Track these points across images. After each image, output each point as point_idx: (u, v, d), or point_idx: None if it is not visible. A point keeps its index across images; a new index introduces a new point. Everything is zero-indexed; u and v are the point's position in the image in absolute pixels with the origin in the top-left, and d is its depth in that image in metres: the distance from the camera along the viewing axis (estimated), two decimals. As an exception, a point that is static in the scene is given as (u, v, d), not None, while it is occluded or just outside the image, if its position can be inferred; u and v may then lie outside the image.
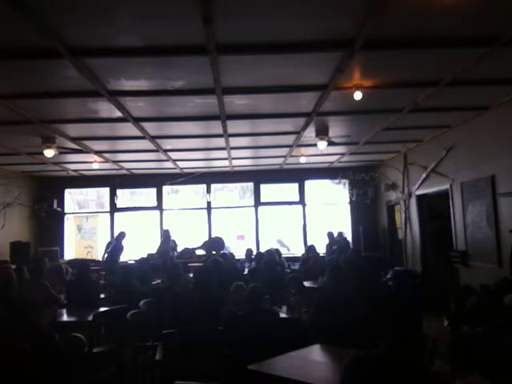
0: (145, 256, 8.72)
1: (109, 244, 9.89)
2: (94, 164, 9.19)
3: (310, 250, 9.27)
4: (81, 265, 6.58)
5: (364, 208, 11.33)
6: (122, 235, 9.74)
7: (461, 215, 7.09)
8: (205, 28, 3.42)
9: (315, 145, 7.34)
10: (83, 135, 7.00)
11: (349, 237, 11.08)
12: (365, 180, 10.96)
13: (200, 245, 10.56)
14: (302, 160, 9.46)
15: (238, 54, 4.02)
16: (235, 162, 10.09)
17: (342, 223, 11.48)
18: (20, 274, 5.61)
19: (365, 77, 4.78)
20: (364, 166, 10.98)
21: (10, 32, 3.47)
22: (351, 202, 11.56)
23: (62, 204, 11.35)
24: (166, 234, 10.24)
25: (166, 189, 11.67)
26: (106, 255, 9.63)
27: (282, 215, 11.81)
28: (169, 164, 9.85)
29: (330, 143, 7.32)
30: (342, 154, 9.53)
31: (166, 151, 8.39)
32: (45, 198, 10.77)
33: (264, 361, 3.29)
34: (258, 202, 11.66)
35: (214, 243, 9.99)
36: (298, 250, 11.10)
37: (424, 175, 8.39)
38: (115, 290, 6.36)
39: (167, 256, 9.11)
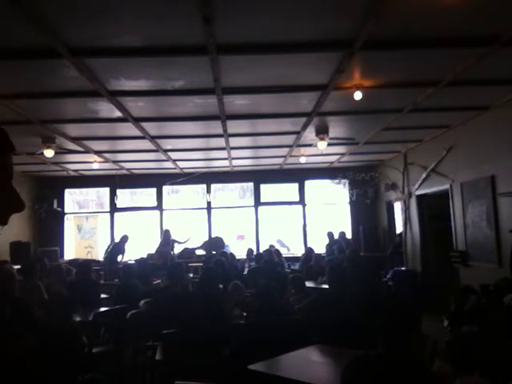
0: (144, 256, 8.72)
1: (111, 246, 9.91)
2: (94, 164, 9.19)
3: (311, 250, 9.29)
4: (82, 265, 6.57)
5: (364, 208, 11.33)
6: (125, 239, 9.77)
7: (461, 215, 7.09)
8: (205, 28, 3.42)
9: (315, 145, 7.34)
10: (83, 135, 7.00)
11: (349, 237, 11.07)
12: (365, 180, 10.96)
13: (200, 245, 10.57)
14: (302, 160, 9.45)
15: (238, 54, 4.02)
16: (235, 162, 10.09)
17: (342, 223, 11.47)
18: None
19: (365, 77, 4.78)
20: (364, 166, 10.97)
21: (9, 32, 3.46)
22: (351, 202, 11.56)
23: (62, 204, 11.34)
24: (165, 235, 10.24)
25: (165, 189, 11.65)
26: (106, 255, 9.64)
27: (282, 215, 11.81)
28: (169, 164, 9.85)
29: (331, 143, 7.32)
30: (342, 154, 9.53)
31: (166, 151, 8.39)
32: (45, 198, 10.76)
33: (264, 361, 3.29)
34: (258, 202, 11.65)
35: (214, 243, 10.00)
36: (298, 250, 11.10)
37: (424, 175, 8.39)
38: (116, 289, 6.36)
39: (167, 256, 9.11)
